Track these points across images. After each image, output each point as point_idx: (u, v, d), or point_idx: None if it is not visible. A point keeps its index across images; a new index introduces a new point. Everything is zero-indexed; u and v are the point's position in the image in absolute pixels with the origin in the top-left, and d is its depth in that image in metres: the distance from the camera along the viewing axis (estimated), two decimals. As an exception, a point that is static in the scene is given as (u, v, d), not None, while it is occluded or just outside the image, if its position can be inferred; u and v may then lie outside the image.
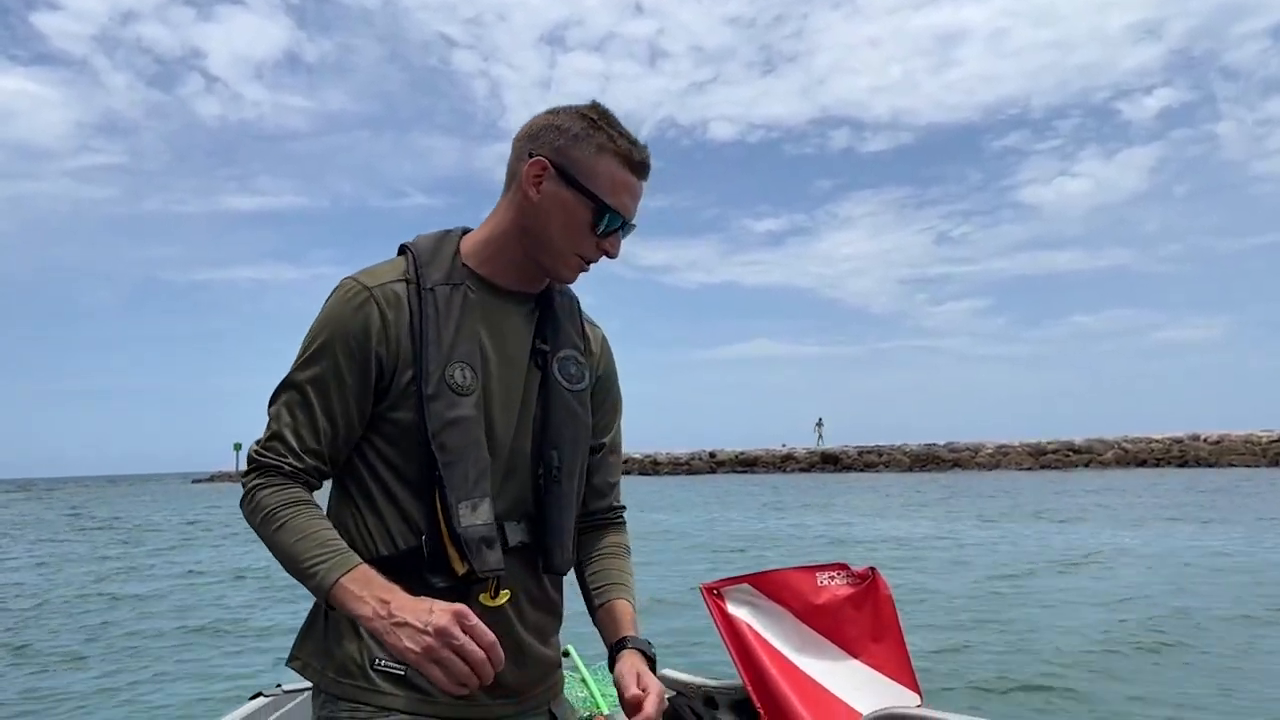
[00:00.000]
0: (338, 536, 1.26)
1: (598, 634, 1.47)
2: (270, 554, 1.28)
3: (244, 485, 1.31)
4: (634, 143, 1.34)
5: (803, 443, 56.91)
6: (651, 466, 58.23)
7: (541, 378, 1.38)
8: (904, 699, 2.20)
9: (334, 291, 1.32)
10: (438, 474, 1.27)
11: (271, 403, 1.31)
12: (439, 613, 1.12)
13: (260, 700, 2.39)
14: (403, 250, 1.38)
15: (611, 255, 1.37)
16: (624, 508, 1.58)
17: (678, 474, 55.46)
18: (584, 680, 2.48)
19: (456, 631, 1.10)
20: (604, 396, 1.51)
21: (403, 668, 1.26)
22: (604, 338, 1.54)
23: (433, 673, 1.11)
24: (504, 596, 1.31)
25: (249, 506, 1.29)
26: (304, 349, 1.31)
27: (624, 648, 1.39)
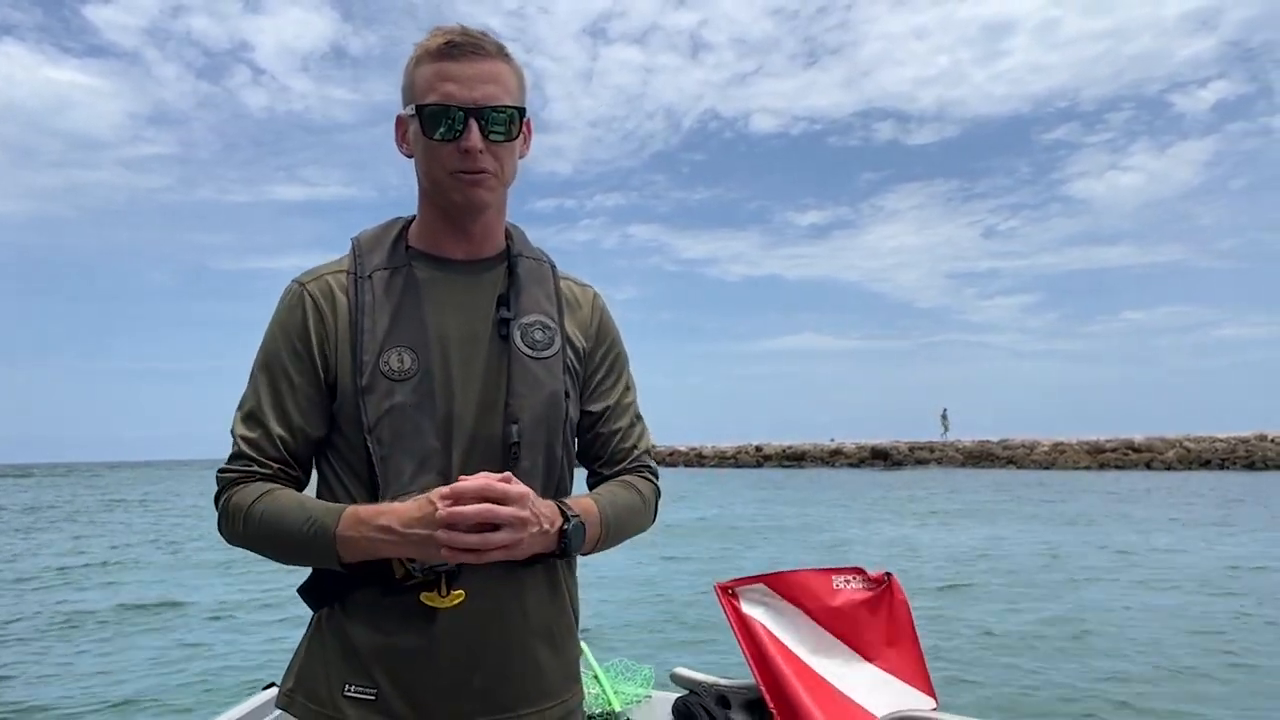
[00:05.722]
0: (311, 499, 1.22)
1: (608, 630, 1.39)
2: (267, 557, 1.24)
3: (216, 507, 1.26)
4: (438, 32, 1.27)
5: (851, 437, 56.40)
6: (697, 460, 58.07)
7: (506, 349, 1.30)
8: (919, 703, 2.16)
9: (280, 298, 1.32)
10: (374, 469, 1.23)
11: (234, 423, 1.28)
12: (413, 507, 1.12)
13: (273, 690, 2.40)
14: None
15: (468, 149, 1.23)
16: (647, 466, 1.43)
17: (724, 467, 55.21)
18: (596, 677, 2.46)
19: (437, 515, 1.09)
20: (600, 359, 1.41)
21: (373, 692, 1.22)
22: (595, 297, 1.44)
23: (460, 557, 1.11)
24: (456, 597, 1.20)
25: (225, 519, 1.24)
26: (255, 362, 1.30)
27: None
